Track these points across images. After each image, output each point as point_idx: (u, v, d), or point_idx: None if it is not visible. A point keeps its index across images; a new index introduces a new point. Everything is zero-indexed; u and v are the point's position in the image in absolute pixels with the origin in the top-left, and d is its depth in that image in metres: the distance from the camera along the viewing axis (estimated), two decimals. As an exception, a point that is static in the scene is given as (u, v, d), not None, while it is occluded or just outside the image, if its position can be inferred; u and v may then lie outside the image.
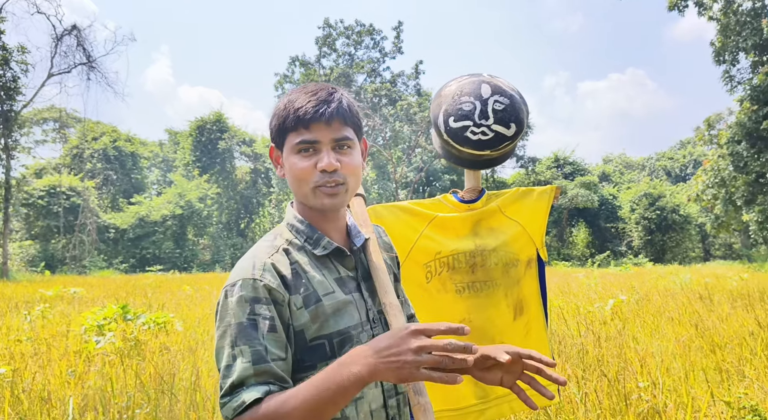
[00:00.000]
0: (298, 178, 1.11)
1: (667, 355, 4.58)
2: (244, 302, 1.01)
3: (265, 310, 1.01)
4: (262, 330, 1.00)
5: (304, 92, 1.13)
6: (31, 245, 30.02)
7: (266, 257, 1.08)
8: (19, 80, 22.62)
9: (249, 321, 1.00)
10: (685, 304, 7.74)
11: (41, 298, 10.87)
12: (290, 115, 1.10)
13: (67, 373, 4.05)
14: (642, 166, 53.94)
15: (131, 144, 38.82)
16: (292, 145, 1.11)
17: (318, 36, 37.35)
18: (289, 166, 1.12)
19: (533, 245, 1.68)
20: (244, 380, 0.97)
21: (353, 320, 1.11)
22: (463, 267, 1.61)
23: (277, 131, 1.14)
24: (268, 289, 1.03)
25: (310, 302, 1.07)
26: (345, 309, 1.10)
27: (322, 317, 1.07)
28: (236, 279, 1.04)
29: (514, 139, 1.56)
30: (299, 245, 1.14)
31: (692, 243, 35.65)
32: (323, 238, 1.14)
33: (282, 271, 1.07)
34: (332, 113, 1.10)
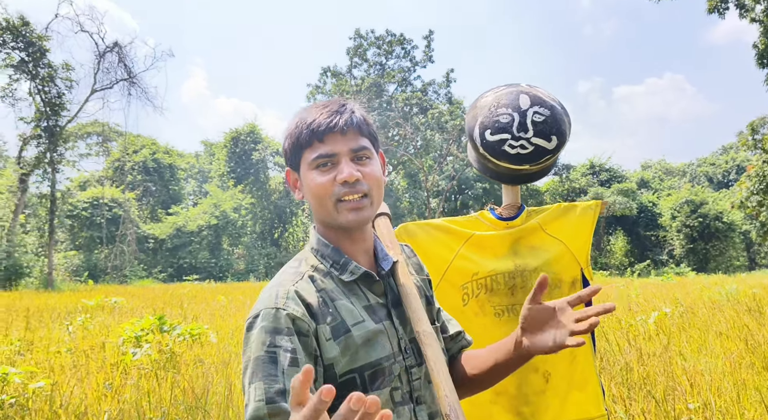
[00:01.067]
0: (318, 195, 1.04)
1: (717, 373, 4.33)
2: (264, 334, 0.94)
3: (287, 341, 0.93)
4: (282, 364, 0.92)
5: (314, 107, 1.09)
6: (75, 255, 31.03)
7: (290, 285, 1.01)
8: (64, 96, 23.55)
9: (267, 354, 0.93)
10: (733, 317, 7.37)
11: (83, 308, 11.16)
12: (303, 131, 1.05)
13: (104, 386, 4.10)
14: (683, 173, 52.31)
15: (169, 156, 39.84)
16: (308, 161, 1.05)
17: (349, 46, 37.70)
18: (308, 184, 1.06)
19: (577, 265, 1.58)
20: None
21: (385, 351, 1.03)
22: (503, 289, 1.52)
23: (292, 151, 1.08)
24: (292, 319, 0.95)
25: (339, 333, 0.99)
26: (376, 339, 1.02)
27: (352, 349, 0.99)
28: (258, 310, 0.98)
29: (555, 152, 1.47)
30: (325, 271, 1.06)
31: (737, 251, 34.27)
32: (350, 262, 1.07)
33: (308, 300, 0.99)
34: (346, 122, 1.05)
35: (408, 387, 1.05)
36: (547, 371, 1.51)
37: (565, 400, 1.51)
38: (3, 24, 22.06)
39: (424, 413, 1.05)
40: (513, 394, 1.49)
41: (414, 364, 1.07)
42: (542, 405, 1.49)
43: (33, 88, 23.11)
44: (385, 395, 1.00)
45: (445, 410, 0.98)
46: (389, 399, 1.00)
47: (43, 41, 22.85)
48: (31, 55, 22.75)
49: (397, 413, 1.00)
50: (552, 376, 1.51)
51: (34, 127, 23.24)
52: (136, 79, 25.53)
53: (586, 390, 1.53)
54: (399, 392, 1.03)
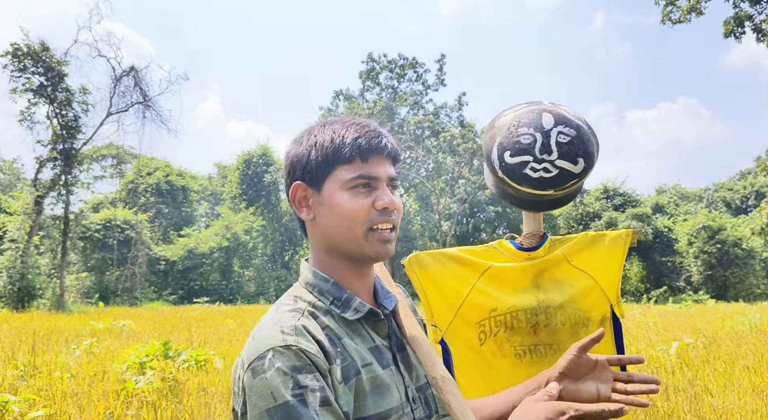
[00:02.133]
0: (351, 218, 0.92)
1: (746, 411, 4.08)
2: (284, 375, 0.79)
3: (312, 379, 0.80)
4: (313, 405, 0.78)
5: (348, 124, 0.96)
6: (87, 277, 31.13)
7: (294, 321, 0.87)
8: (80, 119, 23.91)
9: (296, 398, 0.78)
10: (759, 349, 7.06)
11: (91, 331, 11.06)
12: (345, 146, 0.93)
13: (105, 415, 3.95)
14: (699, 198, 51.63)
15: (182, 178, 40.20)
16: (343, 180, 0.93)
17: (362, 70, 38.09)
18: (337, 204, 0.93)
19: (607, 301, 1.43)
20: None
21: (394, 401, 0.89)
22: (524, 327, 1.38)
23: (319, 165, 0.94)
24: (308, 356, 0.81)
25: (349, 375, 0.85)
26: (385, 386, 0.89)
27: (360, 395, 0.86)
28: (262, 350, 0.82)
29: (582, 176, 1.33)
30: (325, 309, 0.93)
31: (757, 279, 33.45)
32: (354, 298, 0.94)
33: (317, 336, 0.86)
34: (392, 147, 0.96)
35: None
36: None
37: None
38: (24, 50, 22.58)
39: None
40: None
41: (423, 417, 0.94)
42: None
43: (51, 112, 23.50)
44: None
45: None
46: None
47: (61, 66, 23.32)
48: (50, 80, 23.21)
49: None
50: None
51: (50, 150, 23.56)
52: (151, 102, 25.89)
53: None
54: None
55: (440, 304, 1.42)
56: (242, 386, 0.83)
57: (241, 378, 0.84)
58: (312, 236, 0.99)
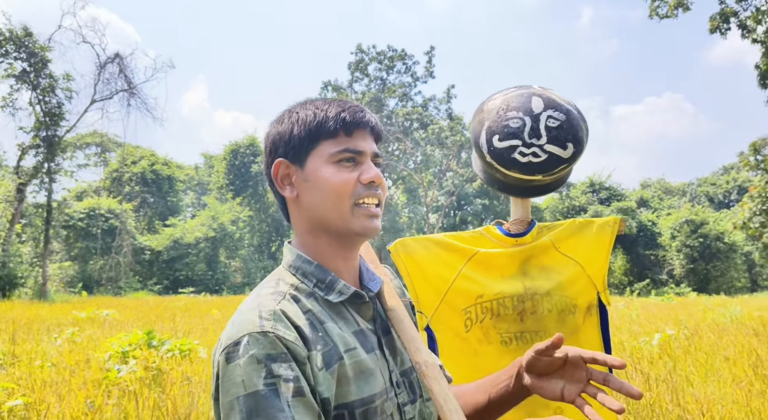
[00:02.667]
0: (337, 193, 0.90)
1: (727, 402, 4.14)
2: (257, 363, 0.77)
3: (286, 369, 0.77)
4: (285, 397, 0.76)
5: (330, 100, 0.95)
6: (70, 266, 30.76)
7: (273, 305, 0.84)
8: (64, 106, 23.50)
9: (267, 388, 0.75)
10: (740, 340, 7.18)
11: (74, 320, 10.93)
12: (329, 120, 0.91)
13: (86, 404, 3.89)
14: (682, 192, 52.27)
15: (168, 167, 39.76)
16: (328, 154, 0.91)
17: (350, 61, 37.86)
18: (322, 179, 0.91)
19: (594, 288, 1.42)
20: None
21: (378, 385, 0.87)
22: (510, 314, 1.36)
23: (302, 140, 0.92)
24: (285, 344, 0.79)
25: (331, 361, 0.83)
26: (369, 371, 0.87)
27: (343, 380, 0.84)
28: (238, 336, 0.79)
29: (571, 161, 1.31)
30: (308, 291, 0.90)
31: (738, 273, 34.02)
32: (338, 280, 0.92)
33: (296, 322, 0.83)
34: (376, 123, 0.95)
35: None
36: (559, 406, 1.34)
37: None
38: (6, 34, 22.09)
39: None
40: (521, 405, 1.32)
41: (407, 402, 0.93)
42: None
43: (33, 98, 23.06)
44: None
45: None
46: None
47: (45, 52, 22.86)
48: (33, 66, 22.75)
49: None
50: (564, 412, 1.33)
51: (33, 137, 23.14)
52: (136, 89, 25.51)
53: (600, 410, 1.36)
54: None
55: (426, 290, 1.40)
56: (216, 372, 0.81)
57: (216, 362, 0.81)
58: (295, 216, 0.96)
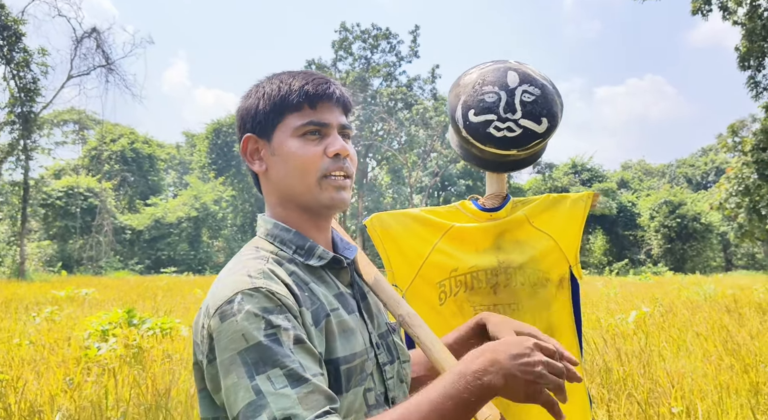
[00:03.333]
0: (303, 167, 0.90)
1: (698, 375, 4.27)
2: (254, 317, 0.77)
3: (284, 319, 0.78)
4: (287, 344, 0.76)
5: (297, 73, 0.94)
6: (49, 245, 30.34)
7: (261, 265, 0.85)
8: (39, 82, 22.87)
9: (268, 338, 0.75)
10: (712, 317, 7.38)
11: (53, 299, 10.82)
12: (293, 93, 0.91)
13: (65, 381, 3.88)
14: (662, 173, 53.02)
15: (148, 146, 39.14)
16: (292, 128, 0.91)
17: (334, 39, 37.37)
18: (288, 152, 0.91)
19: (566, 262, 1.44)
20: (289, 413, 0.72)
21: (359, 345, 0.89)
22: (484, 287, 1.38)
23: (268, 114, 0.92)
24: (278, 297, 0.80)
25: (319, 318, 0.85)
26: (351, 330, 0.89)
27: (330, 337, 0.85)
28: (231, 294, 0.79)
29: (545, 136, 1.32)
30: (288, 257, 0.91)
31: (713, 252, 34.84)
32: (317, 246, 0.93)
33: (284, 280, 0.84)
34: (341, 94, 0.93)
35: (382, 387, 0.93)
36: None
37: (550, 411, 1.38)
38: (-24, 6, 21.34)
39: None
40: (493, 402, 1.35)
41: (387, 362, 0.95)
42: (524, 414, 1.35)
43: (7, 73, 22.39)
44: (359, 397, 0.87)
45: None
46: (363, 402, 0.87)
47: (18, 25, 22.13)
48: (6, 39, 22.02)
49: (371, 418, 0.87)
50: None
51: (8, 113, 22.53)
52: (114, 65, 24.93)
53: (572, 399, 1.39)
54: (373, 394, 0.90)
55: (401, 264, 1.41)
56: (208, 333, 0.80)
57: (207, 325, 0.80)
58: (266, 189, 0.97)
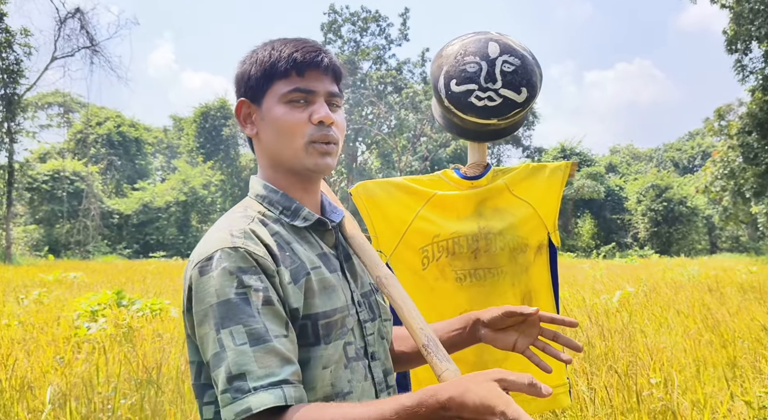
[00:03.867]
0: (288, 132, 0.94)
1: (678, 350, 4.39)
2: (229, 274, 0.82)
3: (256, 280, 0.83)
4: (255, 304, 0.82)
5: (291, 41, 0.97)
6: (36, 230, 30.03)
7: (244, 225, 0.90)
8: (22, 63, 22.46)
9: (238, 296, 0.81)
10: (694, 296, 7.54)
11: (40, 282, 10.78)
12: (281, 60, 0.94)
13: (55, 360, 3.91)
14: (649, 158, 53.42)
15: (135, 130, 38.67)
16: (279, 94, 0.94)
17: (323, 22, 36.96)
18: (275, 118, 0.94)
19: (544, 229, 1.49)
20: (244, 368, 0.78)
21: (340, 301, 0.94)
22: (465, 252, 1.43)
23: (259, 79, 0.96)
24: (255, 258, 0.85)
25: (299, 276, 0.90)
26: (332, 287, 0.94)
27: (309, 293, 0.90)
28: (210, 251, 0.85)
29: (525, 106, 1.36)
30: (274, 217, 0.96)
31: (699, 235, 35.32)
32: (303, 208, 0.97)
33: (265, 240, 0.89)
34: (330, 62, 0.96)
35: (362, 342, 0.98)
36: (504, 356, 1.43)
37: (526, 369, 1.44)
38: (-45, -16, 20.82)
39: (378, 369, 0.99)
40: (473, 362, 1.41)
41: (368, 319, 1.01)
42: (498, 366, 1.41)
43: (-11, 54, 21.95)
44: (339, 349, 0.92)
45: (423, 341, 0.95)
46: (343, 354, 0.92)
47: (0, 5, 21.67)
48: (-13, 19, 21.57)
49: (351, 369, 0.93)
50: (508, 359, 1.43)
51: (-10, 95, 22.15)
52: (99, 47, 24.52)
53: (548, 358, 1.46)
54: (353, 347, 0.95)
55: (385, 230, 1.46)
56: (189, 285, 0.86)
57: (189, 277, 0.87)
58: (258, 152, 1.01)
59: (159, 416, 2.84)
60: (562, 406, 1.49)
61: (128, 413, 2.80)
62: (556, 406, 1.48)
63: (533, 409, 1.46)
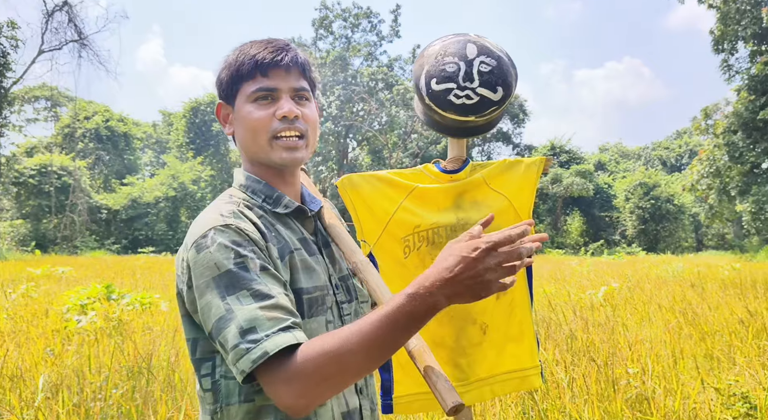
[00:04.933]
0: (254, 129, 1.01)
1: (657, 342, 4.52)
2: (224, 248, 0.89)
3: (250, 251, 0.90)
4: (254, 270, 0.88)
5: (258, 42, 1.05)
6: (22, 224, 29.76)
7: (232, 207, 0.97)
8: (9, 56, 22.23)
9: (237, 265, 0.88)
10: (676, 292, 7.70)
11: (28, 276, 10.73)
12: (246, 62, 1.01)
13: (45, 351, 3.95)
14: (638, 156, 53.89)
15: (124, 124, 38.39)
16: (246, 94, 1.02)
17: (314, 18, 36.88)
18: (243, 117, 1.02)
19: (520, 221, 1.57)
20: (254, 322, 0.84)
21: (320, 280, 1.02)
22: (444, 242, 1.50)
23: (229, 82, 1.04)
24: (246, 233, 0.92)
25: (284, 253, 0.97)
26: (312, 267, 1.02)
27: (294, 270, 0.98)
28: (204, 230, 0.92)
29: (500, 104, 1.44)
30: (258, 205, 1.03)
31: (685, 233, 35.74)
32: (284, 196, 1.05)
33: (253, 219, 0.96)
34: (292, 60, 1.03)
35: (340, 322, 1.06)
36: (484, 323, 1.51)
37: (501, 352, 1.53)
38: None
39: None
40: (451, 346, 1.49)
41: (345, 300, 1.08)
42: (479, 356, 1.50)
43: (-25, 47, 21.70)
44: (321, 325, 1.00)
45: None
46: (325, 330, 1.01)
47: (-15, -4, 21.42)
48: (-27, 11, 21.32)
49: None
50: (489, 329, 1.51)
51: (-24, 88, 21.91)
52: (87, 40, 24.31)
53: (522, 342, 1.55)
54: (332, 326, 1.03)
55: (369, 221, 1.54)
56: (186, 264, 0.93)
57: (185, 257, 0.93)
58: (238, 148, 1.10)
59: (150, 404, 2.90)
60: (533, 387, 1.57)
61: (120, 401, 2.86)
62: (527, 387, 1.57)
63: (505, 389, 1.55)
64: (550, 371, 3.34)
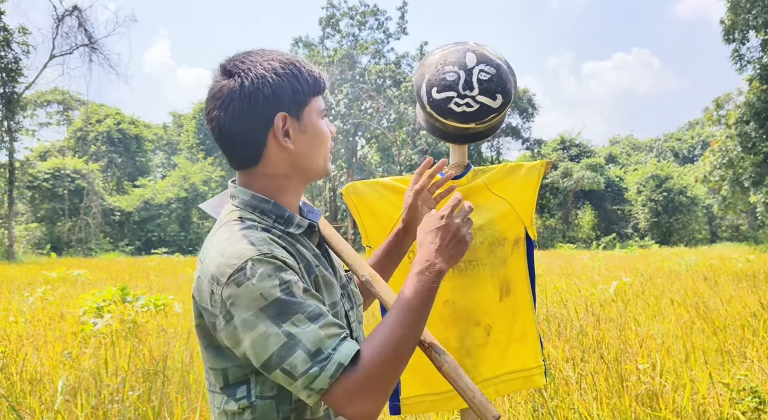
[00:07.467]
0: (325, 143, 1.09)
1: (668, 337, 4.51)
2: (268, 277, 0.89)
3: (291, 275, 0.92)
4: (299, 294, 0.91)
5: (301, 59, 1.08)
6: (37, 228, 30.19)
7: (258, 233, 0.96)
8: (21, 61, 22.52)
9: (284, 292, 0.89)
10: (689, 285, 7.66)
11: (44, 280, 10.92)
12: (316, 79, 1.05)
13: (63, 354, 4.04)
14: (649, 148, 53.38)
15: (135, 127, 38.75)
16: (317, 110, 1.06)
17: (321, 16, 36.90)
18: (318, 131, 1.06)
19: (521, 224, 1.60)
20: (319, 344, 0.87)
21: (336, 295, 1.06)
22: (447, 246, 1.54)
23: (295, 94, 1.01)
24: (282, 260, 0.93)
25: (311, 273, 1.01)
26: (330, 284, 1.05)
27: (319, 289, 1.02)
28: (240, 262, 0.90)
29: (500, 111, 1.47)
30: (269, 225, 1.03)
31: (699, 225, 35.39)
32: (295, 216, 1.06)
33: (281, 243, 0.97)
34: None
35: (349, 330, 1.09)
36: (488, 325, 1.54)
37: (505, 352, 1.56)
38: (-48, -17, 20.85)
39: None
40: (456, 347, 1.53)
41: (349, 308, 1.12)
42: (483, 357, 1.53)
43: (-13, 53, 22.00)
44: None
45: None
46: None
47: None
48: (-15, 18, 21.61)
49: None
50: (493, 330, 1.54)
51: (-10, 94, 22.22)
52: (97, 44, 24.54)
53: (525, 342, 1.58)
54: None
55: (374, 227, 1.57)
56: (222, 300, 0.91)
57: (220, 293, 0.91)
58: (276, 163, 1.03)
59: (166, 406, 2.96)
60: (537, 385, 1.61)
61: (137, 403, 2.93)
62: (531, 385, 1.60)
63: (510, 389, 1.58)
64: (559, 368, 3.36)
